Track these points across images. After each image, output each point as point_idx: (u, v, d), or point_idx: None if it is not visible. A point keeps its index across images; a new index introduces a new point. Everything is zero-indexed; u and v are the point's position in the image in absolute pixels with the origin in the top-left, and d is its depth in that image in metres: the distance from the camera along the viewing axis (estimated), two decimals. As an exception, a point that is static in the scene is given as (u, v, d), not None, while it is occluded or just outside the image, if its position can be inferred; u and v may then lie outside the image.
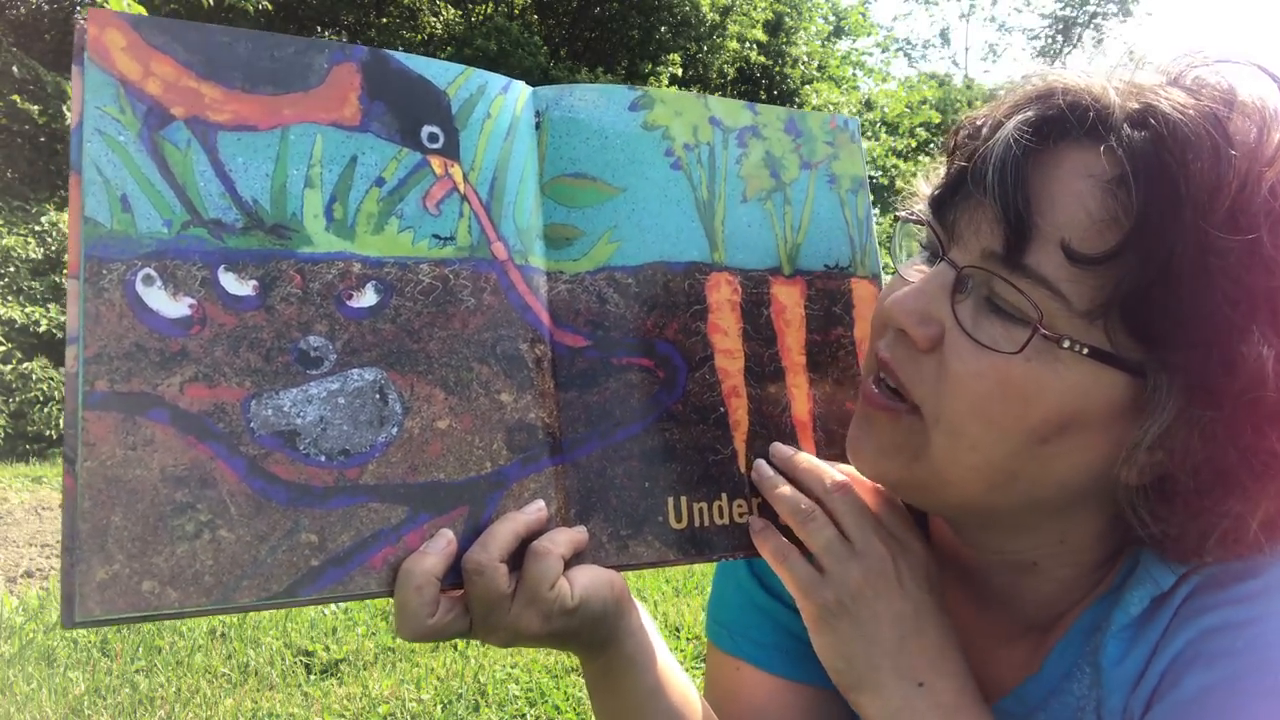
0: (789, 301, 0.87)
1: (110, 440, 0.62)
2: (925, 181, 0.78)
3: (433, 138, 0.74)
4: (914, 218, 0.75)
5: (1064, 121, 0.63)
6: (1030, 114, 0.65)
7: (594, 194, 0.81)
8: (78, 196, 0.64)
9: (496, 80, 0.78)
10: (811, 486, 0.77)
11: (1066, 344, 0.62)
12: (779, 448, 0.82)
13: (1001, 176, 0.63)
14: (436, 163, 0.74)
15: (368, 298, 0.71)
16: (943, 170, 0.74)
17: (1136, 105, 0.62)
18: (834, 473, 0.78)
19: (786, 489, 0.78)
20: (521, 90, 0.80)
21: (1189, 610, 0.67)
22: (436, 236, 0.73)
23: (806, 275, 0.88)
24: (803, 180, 0.89)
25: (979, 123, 0.69)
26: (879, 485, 0.78)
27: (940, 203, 0.71)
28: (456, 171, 0.75)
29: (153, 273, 0.65)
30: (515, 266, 0.77)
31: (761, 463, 0.81)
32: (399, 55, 0.74)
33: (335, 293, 0.70)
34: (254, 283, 0.68)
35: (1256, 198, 0.58)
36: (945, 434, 0.67)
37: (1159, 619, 0.69)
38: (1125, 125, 0.61)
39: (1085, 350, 0.62)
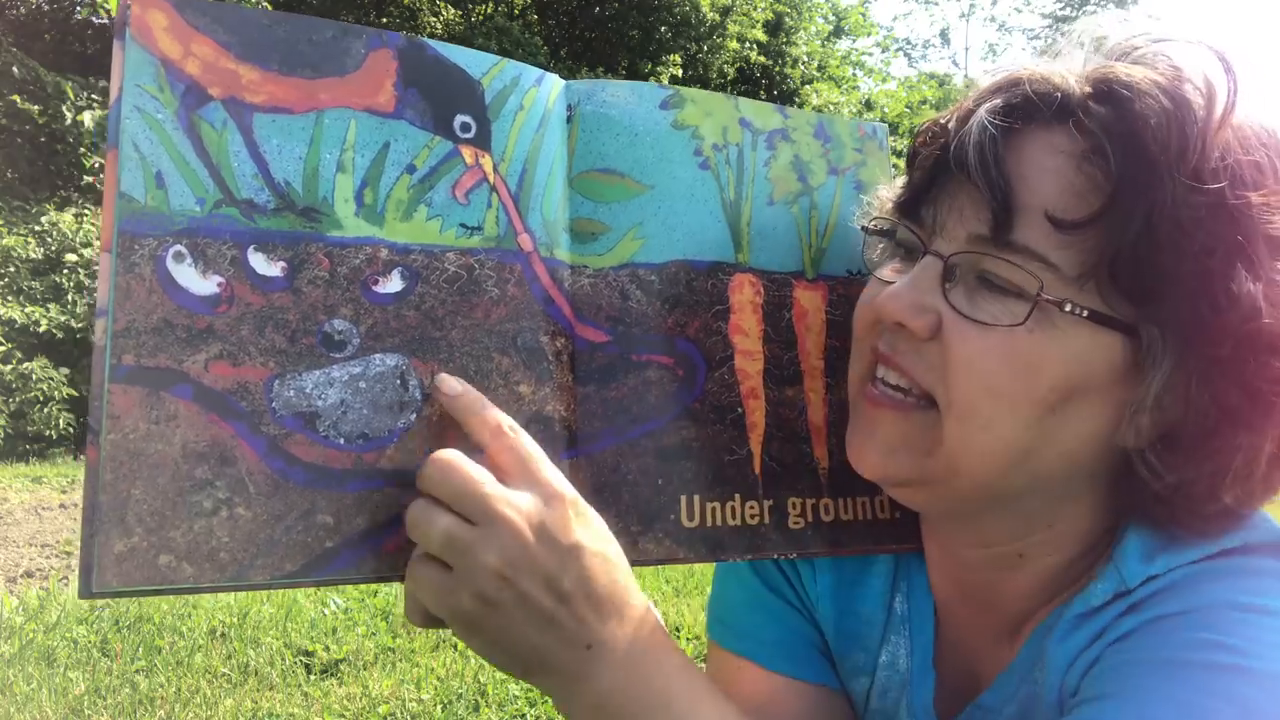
0: (811, 306, 0.87)
1: (134, 414, 0.63)
2: (888, 191, 0.81)
3: (465, 127, 0.74)
4: (887, 223, 0.77)
5: (1031, 105, 0.67)
6: (998, 101, 0.68)
7: (622, 190, 0.81)
8: (113, 172, 0.64)
9: (531, 72, 0.78)
10: (422, 473, 0.67)
11: (1068, 307, 0.65)
12: (443, 384, 0.70)
13: (981, 157, 0.66)
14: (468, 152, 0.74)
15: (394, 284, 0.71)
16: (903, 179, 0.78)
17: (1095, 83, 0.66)
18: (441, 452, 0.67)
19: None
20: (555, 83, 0.80)
21: (1150, 604, 0.67)
22: (464, 226, 0.74)
23: (829, 280, 0.88)
24: (830, 185, 0.89)
25: (943, 122, 0.72)
26: (506, 445, 0.67)
27: (914, 202, 0.74)
28: (487, 162, 0.75)
29: (184, 250, 0.65)
30: (540, 259, 0.76)
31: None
32: (435, 44, 0.74)
33: (362, 278, 0.70)
34: (283, 264, 0.68)
35: (1213, 156, 0.63)
36: (958, 419, 0.68)
37: (1113, 609, 0.70)
38: (1089, 102, 0.66)
39: (1085, 313, 0.65)
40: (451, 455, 0.65)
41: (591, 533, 0.66)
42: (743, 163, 0.86)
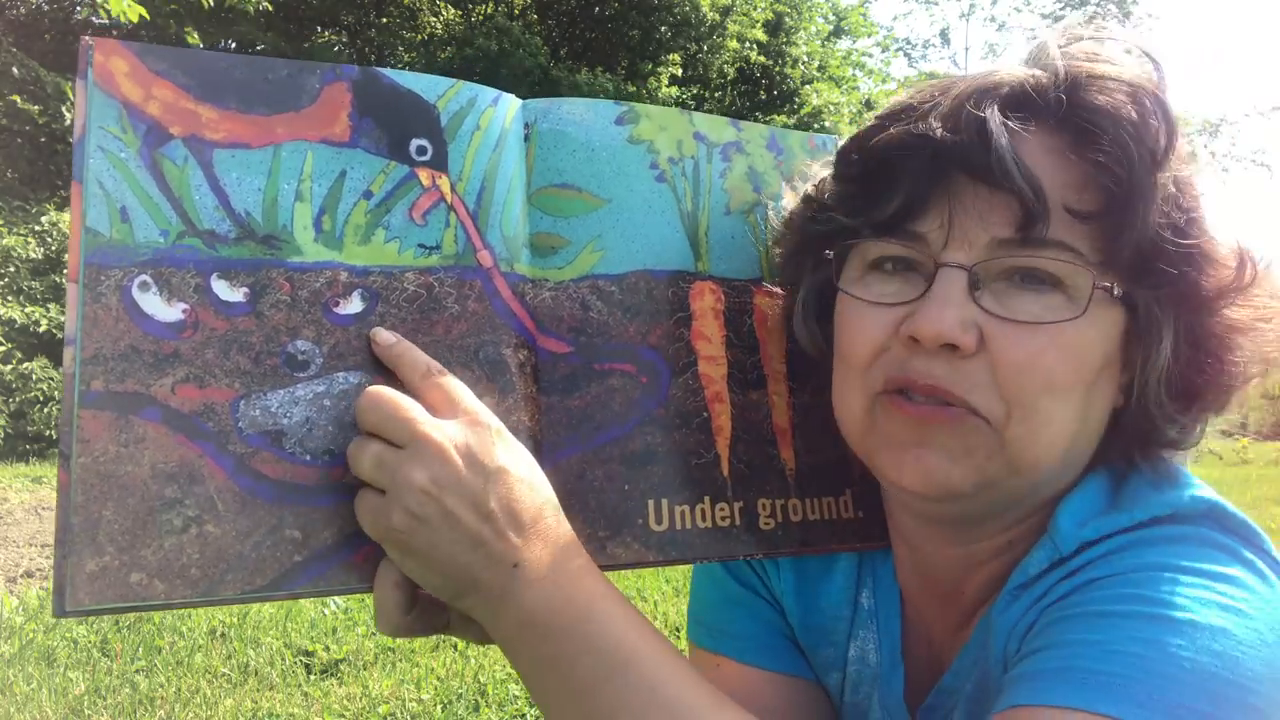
0: (771, 311, 0.89)
1: (104, 437, 0.65)
2: (848, 212, 0.76)
3: (421, 150, 0.76)
4: (893, 247, 0.73)
5: (1029, 103, 0.70)
6: (995, 103, 0.69)
7: (580, 204, 0.83)
8: (79, 205, 0.68)
9: (487, 93, 0.80)
10: (356, 408, 0.70)
11: (1116, 291, 0.69)
12: (376, 337, 0.73)
13: (1003, 159, 0.67)
14: (424, 174, 0.76)
15: (354, 305, 0.73)
16: (844, 196, 0.77)
17: (1066, 80, 0.70)
18: (372, 387, 0.70)
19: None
20: (511, 103, 0.82)
21: (1085, 571, 0.69)
22: (422, 246, 0.76)
23: (789, 285, 0.89)
24: (784, 195, 0.91)
25: (919, 130, 0.70)
26: (419, 370, 0.71)
27: (901, 218, 0.71)
28: (444, 182, 0.77)
29: (149, 279, 0.68)
30: (500, 273, 0.78)
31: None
32: (390, 73, 0.77)
33: (323, 300, 0.72)
34: (245, 290, 0.71)
35: (1173, 139, 0.69)
36: (1020, 422, 0.69)
37: (1051, 577, 0.72)
38: (1065, 97, 0.69)
39: (1120, 293, 0.69)
40: (380, 389, 0.69)
41: (515, 458, 0.69)
42: (699, 174, 0.88)
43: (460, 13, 17.22)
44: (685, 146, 0.88)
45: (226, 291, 0.70)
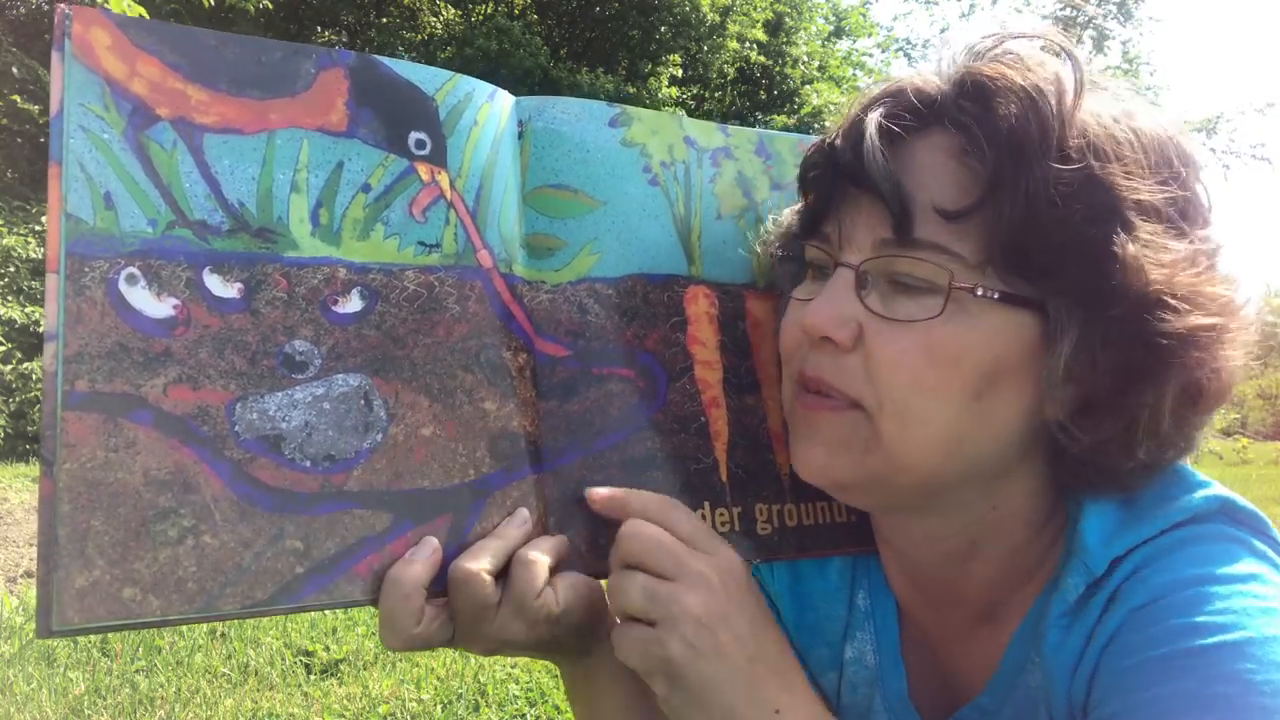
0: (764, 315, 0.88)
1: (91, 442, 0.61)
2: (785, 219, 0.85)
3: (420, 144, 0.73)
4: (793, 248, 0.81)
5: (910, 110, 0.72)
6: (881, 110, 0.72)
7: (576, 206, 0.82)
8: (57, 189, 0.63)
9: (483, 88, 0.78)
10: (617, 542, 0.72)
11: (980, 291, 0.68)
12: (592, 494, 0.76)
13: (874, 164, 0.70)
14: (423, 169, 0.74)
15: (353, 303, 0.70)
16: (799, 204, 0.81)
17: (960, 84, 0.71)
18: (628, 522, 0.72)
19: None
20: (506, 99, 0.80)
21: (1124, 593, 0.69)
22: (422, 244, 0.73)
23: (780, 290, 0.89)
24: (774, 200, 0.91)
25: (829, 141, 0.76)
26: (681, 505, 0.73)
27: (816, 221, 0.77)
28: (443, 178, 0.74)
29: (136, 272, 0.64)
30: (500, 275, 0.77)
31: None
32: (387, 61, 0.74)
33: (321, 298, 0.69)
34: (239, 285, 0.67)
35: (1072, 134, 0.67)
36: (891, 417, 0.70)
37: (1094, 604, 0.71)
38: (958, 100, 0.70)
39: (995, 294, 0.68)
40: (638, 522, 0.70)
41: (765, 603, 0.71)
42: (690, 179, 0.87)
43: (460, 13, 17.22)
44: (676, 151, 0.87)
45: (220, 287, 0.66)
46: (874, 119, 0.71)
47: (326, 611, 3.93)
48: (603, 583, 0.75)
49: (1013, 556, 0.78)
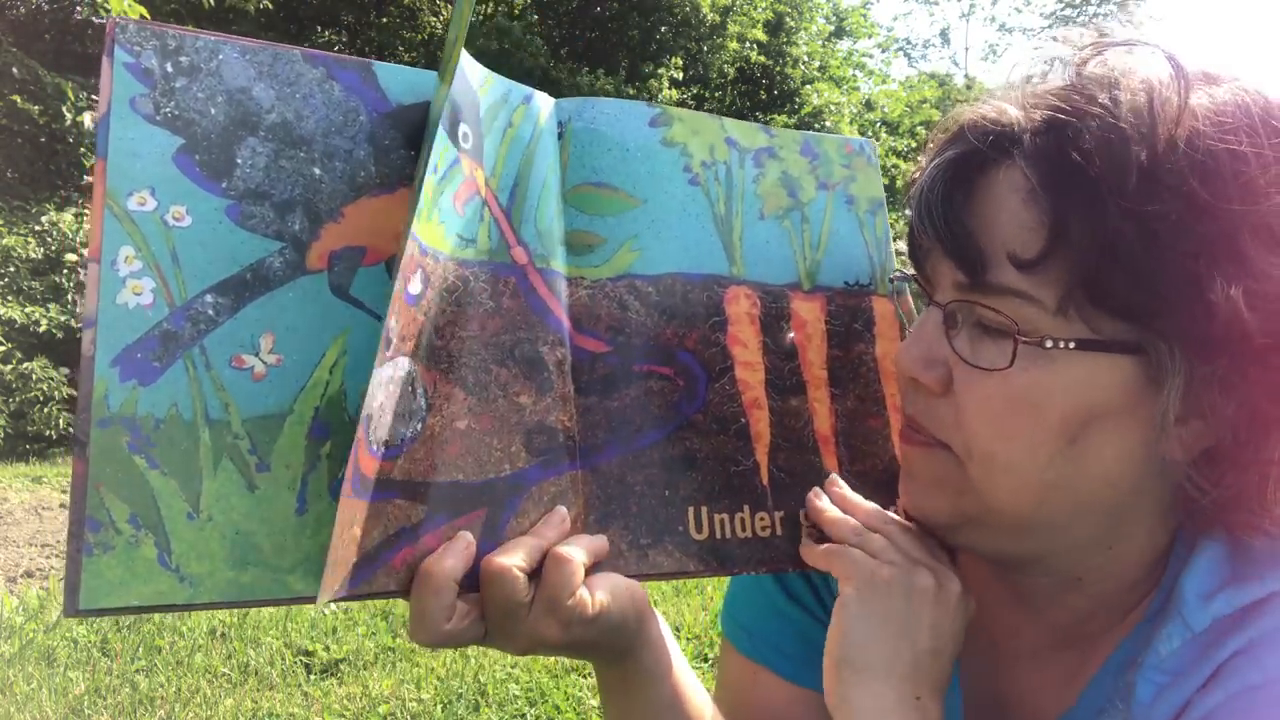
0: (810, 316, 0.87)
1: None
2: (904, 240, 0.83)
3: (465, 137, 0.72)
4: (907, 277, 0.80)
5: (978, 154, 0.67)
6: (949, 154, 0.69)
7: (616, 203, 0.81)
8: (102, 182, 0.63)
9: (518, 90, 0.78)
10: (868, 519, 0.77)
11: (1049, 344, 0.64)
12: (834, 484, 0.82)
13: (933, 218, 0.68)
14: (466, 163, 0.72)
15: (416, 285, 0.66)
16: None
17: (1038, 116, 0.66)
18: (886, 512, 0.79)
19: (842, 516, 0.79)
20: (545, 101, 0.80)
21: (1234, 668, 0.65)
22: (460, 237, 0.71)
23: (827, 291, 0.88)
24: (820, 200, 0.90)
25: (914, 175, 0.74)
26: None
27: (912, 256, 0.76)
28: (480, 175, 0.73)
29: None
30: (536, 270, 0.76)
31: (820, 495, 0.82)
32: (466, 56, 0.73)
33: (400, 273, 0.66)
34: None
35: (1175, 155, 0.60)
36: (979, 464, 0.68)
37: (1199, 669, 0.68)
38: (1029, 137, 0.66)
39: (1071, 344, 0.63)
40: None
41: (956, 641, 0.74)
42: (731, 179, 0.86)
43: (460, 13, 17.17)
44: (718, 151, 0.86)
45: None
46: (938, 164, 0.69)
47: (327, 611, 3.94)
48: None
49: (1115, 594, 0.75)
